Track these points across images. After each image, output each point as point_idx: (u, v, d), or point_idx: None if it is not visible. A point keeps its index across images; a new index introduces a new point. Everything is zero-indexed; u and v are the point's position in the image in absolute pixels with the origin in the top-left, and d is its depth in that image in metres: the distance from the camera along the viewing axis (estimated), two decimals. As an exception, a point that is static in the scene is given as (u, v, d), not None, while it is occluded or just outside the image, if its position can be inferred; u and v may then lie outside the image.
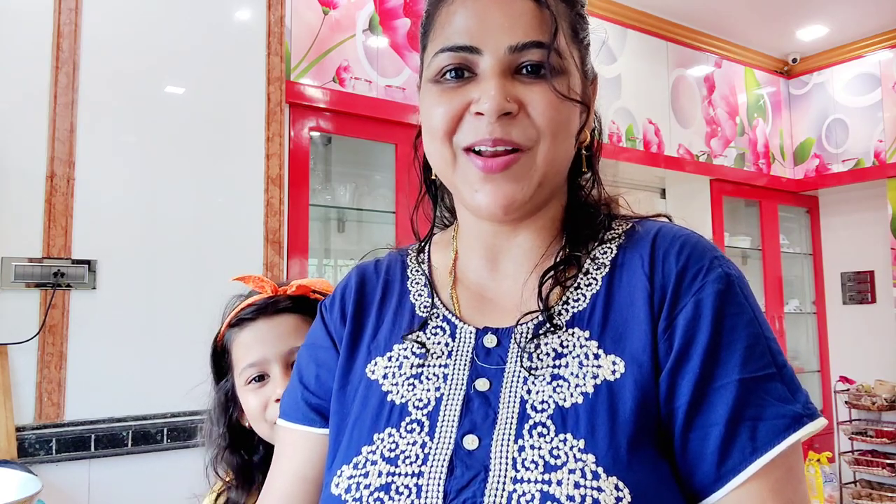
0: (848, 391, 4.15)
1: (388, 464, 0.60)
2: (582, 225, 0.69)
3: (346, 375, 0.69)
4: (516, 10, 0.62)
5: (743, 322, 0.59)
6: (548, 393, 0.59)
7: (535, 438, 0.57)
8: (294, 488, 0.70)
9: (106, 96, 2.03)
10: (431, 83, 0.65)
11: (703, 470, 0.56)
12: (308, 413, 0.71)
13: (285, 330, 0.98)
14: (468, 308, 0.69)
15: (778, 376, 0.57)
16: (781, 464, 0.55)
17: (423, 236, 0.78)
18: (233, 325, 1.01)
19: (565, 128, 0.63)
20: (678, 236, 0.64)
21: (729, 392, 0.56)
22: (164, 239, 2.09)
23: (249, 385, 0.97)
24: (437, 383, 0.64)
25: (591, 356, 0.60)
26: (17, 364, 1.85)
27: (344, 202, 2.82)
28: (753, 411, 0.55)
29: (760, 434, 0.55)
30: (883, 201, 4.03)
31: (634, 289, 0.62)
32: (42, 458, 1.84)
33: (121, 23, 2.08)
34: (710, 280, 0.60)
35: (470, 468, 0.57)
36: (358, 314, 0.73)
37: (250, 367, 0.97)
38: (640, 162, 3.60)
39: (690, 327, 0.58)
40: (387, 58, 2.71)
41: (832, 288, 4.46)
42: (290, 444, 0.72)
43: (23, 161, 1.90)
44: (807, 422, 0.56)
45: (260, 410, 0.96)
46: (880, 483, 4.03)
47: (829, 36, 4.08)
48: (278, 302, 1.00)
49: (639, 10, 3.64)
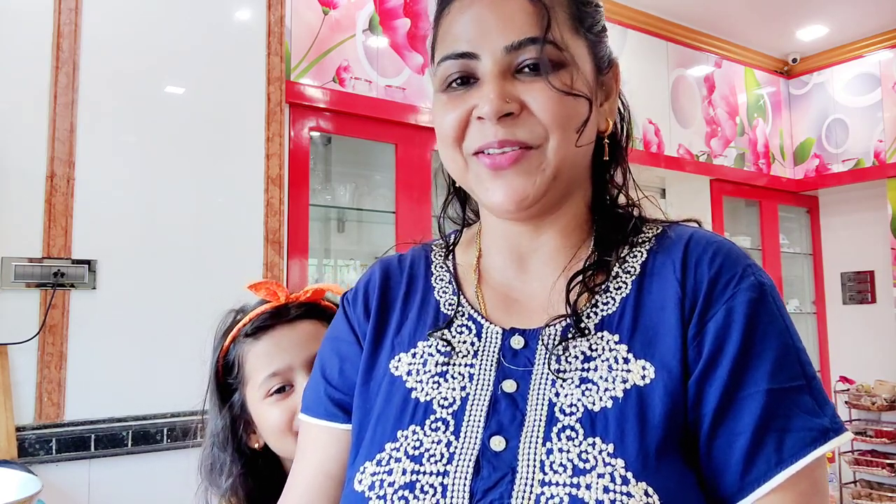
0: (848, 391, 4.15)
1: (413, 462, 0.59)
2: (611, 227, 0.68)
3: (369, 371, 0.69)
4: (509, 9, 0.62)
5: (774, 331, 0.58)
6: (576, 396, 0.59)
7: (564, 441, 0.57)
8: (317, 483, 0.69)
9: (106, 96, 2.03)
10: (440, 93, 0.66)
11: (727, 479, 0.56)
12: (330, 408, 0.70)
13: (305, 335, 0.93)
14: (494, 308, 0.69)
15: (807, 388, 0.57)
16: (806, 477, 0.54)
17: (446, 238, 0.77)
18: (246, 336, 0.95)
19: (572, 121, 0.63)
20: (711, 242, 0.64)
21: (757, 401, 0.56)
22: (165, 239, 2.09)
23: (270, 398, 0.91)
24: (462, 382, 0.63)
25: (621, 360, 0.60)
26: (17, 364, 1.85)
27: (344, 202, 2.82)
28: (781, 422, 0.55)
29: (787, 446, 0.55)
30: (883, 201, 4.03)
31: (665, 294, 0.62)
32: (42, 458, 1.84)
33: (121, 23, 2.08)
34: (742, 288, 0.60)
35: (497, 469, 0.57)
36: (382, 308, 0.72)
37: (273, 377, 0.91)
38: (640, 162, 3.60)
39: (721, 334, 0.58)
40: (387, 58, 2.72)
41: (832, 288, 4.46)
42: (313, 439, 0.71)
43: (23, 161, 1.90)
44: (833, 436, 0.55)
45: (286, 424, 0.90)
46: (880, 483, 4.03)
47: (829, 36, 4.08)
48: (293, 307, 0.96)
49: (639, 10, 3.64)
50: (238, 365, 0.95)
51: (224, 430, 0.94)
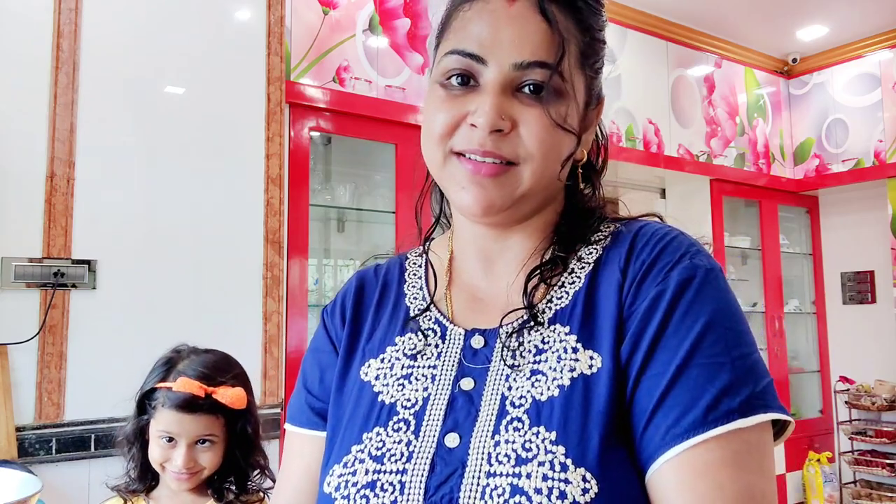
0: (848, 391, 4.15)
1: (375, 462, 0.61)
2: (573, 228, 0.70)
3: (342, 378, 0.71)
4: (528, 28, 0.63)
5: (699, 310, 0.58)
6: (526, 388, 0.60)
7: (511, 433, 0.58)
8: (303, 489, 0.72)
9: (106, 96, 2.03)
10: (438, 85, 0.67)
11: (640, 457, 0.56)
12: (312, 417, 0.73)
13: (200, 423, 1.22)
14: (461, 309, 0.71)
15: (728, 366, 0.56)
16: (701, 455, 0.53)
17: (425, 233, 0.80)
18: (164, 399, 1.22)
19: (555, 151, 0.64)
20: (657, 233, 0.65)
21: (664, 378, 0.56)
22: (165, 239, 2.09)
23: (160, 440, 1.21)
24: (424, 383, 0.65)
25: (570, 350, 0.61)
26: (17, 364, 1.85)
27: (344, 202, 2.82)
28: (684, 397, 0.55)
29: (685, 421, 0.54)
30: (883, 201, 4.03)
31: (610, 284, 0.63)
32: (42, 458, 1.84)
33: (121, 23, 2.08)
34: (675, 272, 0.60)
35: (449, 464, 0.58)
36: (356, 318, 0.75)
37: (165, 432, 1.21)
38: (640, 162, 3.60)
39: (646, 316, 0.59)
40: (387, 58, 2.72)
41: (832, 288, 4.46)
42: (298, 446, 0.74)
43: (23, 161, 1.90)
44: (736, 417, 0.54)
45: (162, 459, 1.21)
46: (880, 483, 4.03)
47: (829, 36, 4.08)
48: (201, 403, 1.22)
49: (639, 10, 3.64)
50: (152, 402, 1.25)
51: (134, 432, 1.26)
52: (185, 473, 1.21)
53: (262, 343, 2.23)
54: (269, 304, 2.25)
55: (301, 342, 2.39)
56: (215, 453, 1.24)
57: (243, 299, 2.21)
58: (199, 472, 1.23)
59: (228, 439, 1.26)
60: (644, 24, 3.68)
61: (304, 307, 2.44)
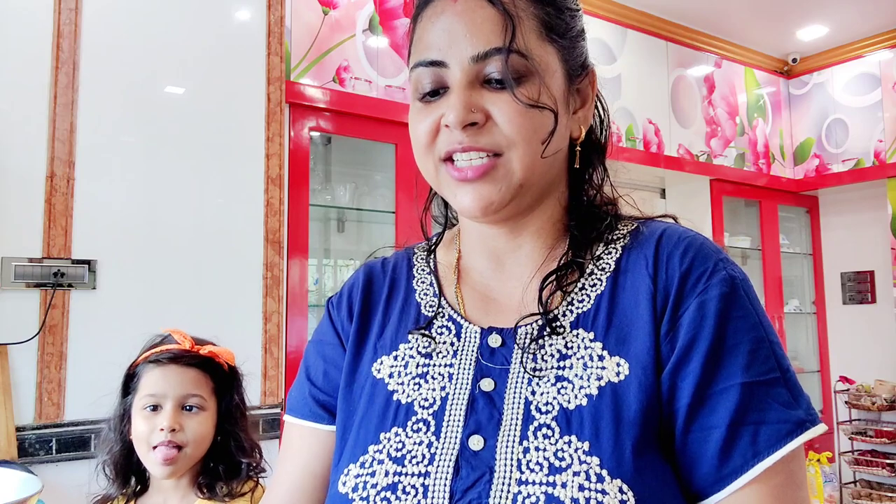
0: (848, 391, 4.15)
1: (395, 463, 0.60)
2: (586, 226, 0.69)
3: (352, 373, 0.70)
4: (478, 18, 0.62)
5: (747, 325, 0.58)
6: (552, 394, 0.60)
7: (540, 440, 0.57)
8: (302, 482, 0.71)
9: (106, 96, 2.03)
10: (415, 100, 0.68)
11: (702, 472, 0.56)
12: (315, 409, 0.72)
13: (188, 378, 1.20)
14: (473, 307, 0.70)
15: (782, 381, 0.57)
16: (782, 469, 0.55)
17: (430, 235, 0.79)
18: (148, 362, 1.22)
19: (537, 133, 0.63)
20: (683, 237, 0.64)
21: (732, 395, 0.56)
22: (164, 239, 2.09)
23: (144, 411, 1.19)
24: (442, 383, 0.64)
25: (596, 357, 0.60)
26: (17, 364, 1.85)
27: (344, 202, 2.82)
28: (756, 415, 0.55)
29: (762, 438, 0.55)
30: (883, 201, 4.03)
31: (638, 290, 0.62)
32: (42, 458, 1.84)
33: (121, 23, 2.08)
34: (714, 282, 0.60)
35: (475, 469, 0.57)
36: (365, 312, 0.74)
37: (150, 396, 1.19)
38: (640, 162, 3.60)
39: (693, 329, 0.58)
40: (387, 58, 2.72)
41: (832, 288, 4.46)
42: (298, 439, 0.73)
43: (23, 161, 1.90)
44: (809, 427, 0.55)
45: (146, 434, 1.17)
46: (880, 483, 4.03)
47: (829, 36, 4.08)
48: (190, 356, 1.22)
49: (639, 10, 3.64)
50: (137, 377, 1.24)
51: (116, 417, 1.25)
52: (170, 446, 1.14)
53: (262, 343, 2.23)
54: (269, 304, 2.25)
55: (301, 342, 2.39)
56: (201, 423, 1.18)
57: (243, 299, 2.21)
58: (185, 449, 1.16)
59: (217, 417, 1.21)
60: (644, 24, 3.68)
61: (304, 307, 2.44)
